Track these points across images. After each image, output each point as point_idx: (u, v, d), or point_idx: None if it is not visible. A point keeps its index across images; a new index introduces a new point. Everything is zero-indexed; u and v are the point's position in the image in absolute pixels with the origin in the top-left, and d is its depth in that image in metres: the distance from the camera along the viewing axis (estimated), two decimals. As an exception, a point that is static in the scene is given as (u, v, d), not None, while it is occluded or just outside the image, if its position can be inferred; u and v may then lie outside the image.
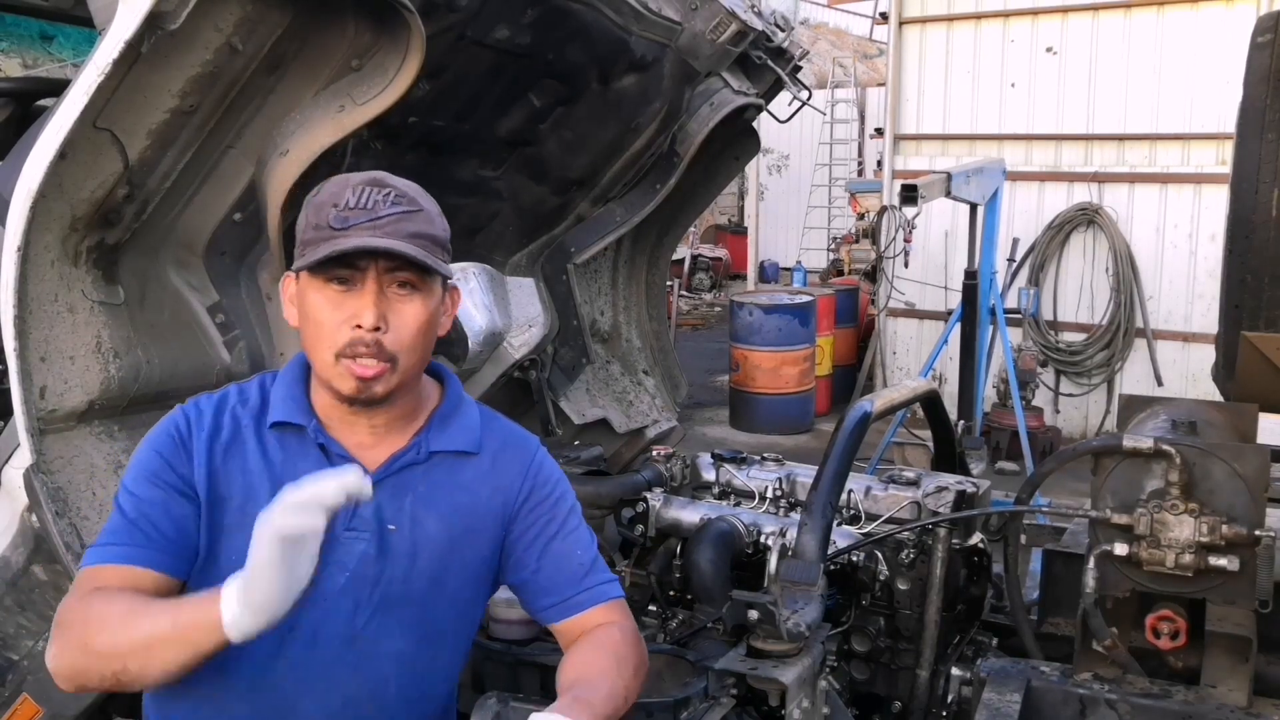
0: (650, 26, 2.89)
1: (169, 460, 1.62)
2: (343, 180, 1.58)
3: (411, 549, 1.67)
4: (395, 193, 1.56)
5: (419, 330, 1.60)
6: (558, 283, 3.59)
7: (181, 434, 1.64)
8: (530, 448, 1.83)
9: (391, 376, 1.59)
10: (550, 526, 1.78)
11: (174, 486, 1.61)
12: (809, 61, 4.17)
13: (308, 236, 1.56)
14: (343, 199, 1.54)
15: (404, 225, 1.55)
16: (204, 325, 2.30)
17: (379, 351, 1.56)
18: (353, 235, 1.52)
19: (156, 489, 1.60)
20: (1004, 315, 7.62)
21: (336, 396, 1.61)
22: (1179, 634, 2.07)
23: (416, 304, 1.59)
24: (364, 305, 1.54)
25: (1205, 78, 8.11)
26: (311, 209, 1.58)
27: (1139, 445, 2.06)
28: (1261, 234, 3.12)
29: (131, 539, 1.57)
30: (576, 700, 1.54)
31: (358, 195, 1.54)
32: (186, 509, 1.61)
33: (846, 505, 2.77)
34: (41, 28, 4.60)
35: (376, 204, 1.54)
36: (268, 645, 1.58)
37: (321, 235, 1.54)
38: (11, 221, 1.84)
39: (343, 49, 2.16)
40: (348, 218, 1.53)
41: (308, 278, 1.57)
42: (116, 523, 1.59)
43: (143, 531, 1.57)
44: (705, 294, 17.33)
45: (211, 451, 1.63)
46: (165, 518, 1.59)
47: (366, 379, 1.56)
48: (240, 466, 1.63)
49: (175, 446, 1.63)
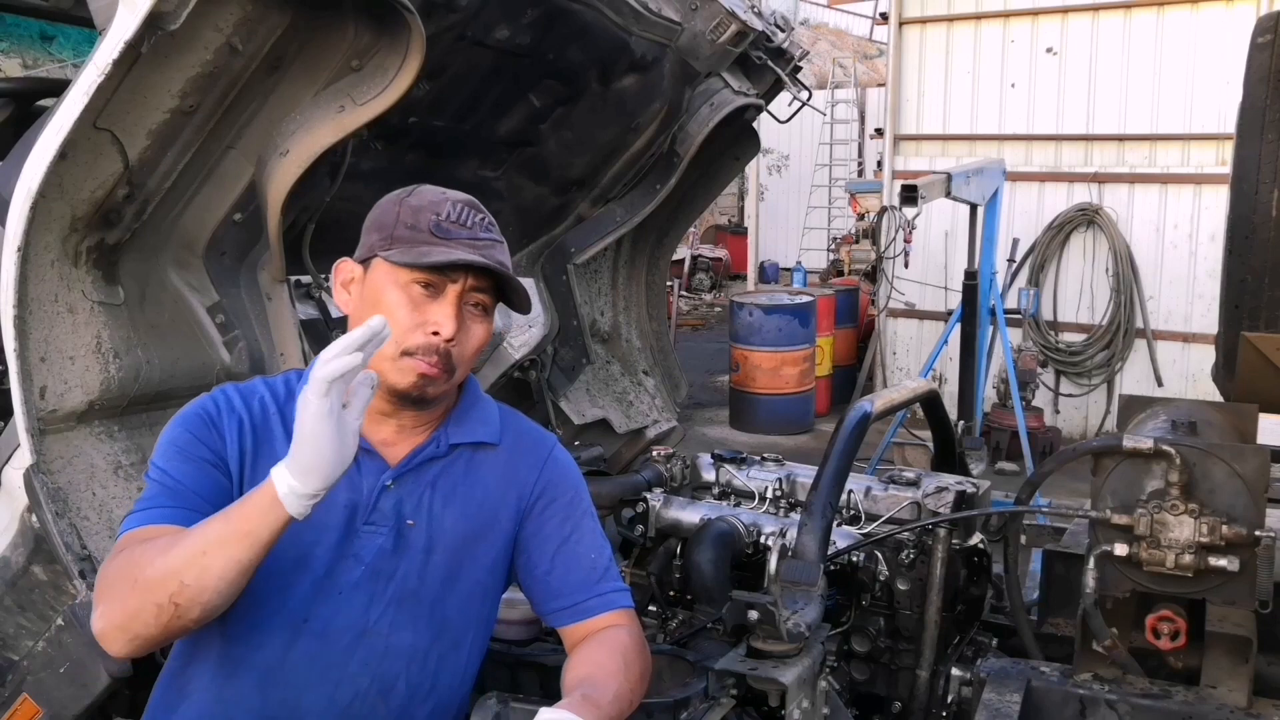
0: (650, 26, 2.89)
1: (200, 436, 1.62)
2: (440, 192, 1.65)
3: (428, 544, 1.68)
4: (489, 220, 1.67)
5: (478, 349, 1.68)
6: (558, 283, 3.59)
7: (211, 415, 1.65)
8: (547, 444, 1.85)
9: (445, 384, 1.64)
10: (564, 527, 1.78)
11: (207, 460, 1.61)
12: (809, 62, 4.17)
13: (402, 234, 1.60)
14: (443, 210, 1.61)
15: (493, 252, 1.64)
16: (204, 325, 2.30)
17: (445, 360, 1.61)
18: (456, 248, 1.59)
19: (189, 463, 1.60)
20: (1004, 315, 7.62)
21: (387, 390, 1.62)
22: (1179, 634, 2.07)
23: (484, 325, 1.68)
24: (447, 316, 1.60)
25: (1205, 78, 8.11)
26: (406, 209, 1.62)
27: (1139, 446, 2.05)
28: (1261, 234, 3.12)
29: (170, 502, 1.56)
30: (585, 699, 1.56)
31: (459, 212, 1.63)
32: (221, 480, 1.61)
33: (846, 505, 2.77)
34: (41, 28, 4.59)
35: (475, 225, 1.64)
36: (280, 638, 1.60)
37: (420, 237, 1.59)
38: (11, 221, 1.84)
39: (343, 49, 2.16)
40: (450, 230, 1.60)
41: (391, 270, 1.60)
42: (152, 491, 1.58)
43: (180, 495, 1.57)
44: (705, 294, 17.33)
45: (242, 434, 1.64)
46: (201, 486, 1.59)
47: (428, 376, 1.60)
48: (269, 453, 1.64)
49: (206, 425, 1.63)
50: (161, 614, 1.43)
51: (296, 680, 1.63)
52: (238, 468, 1.63)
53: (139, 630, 1.45)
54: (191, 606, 1.43)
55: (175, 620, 1.44)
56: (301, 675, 1.63)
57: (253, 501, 1.42)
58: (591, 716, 1.51)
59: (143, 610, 1.43)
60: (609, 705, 1.58)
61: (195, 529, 1.46)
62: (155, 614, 1.43)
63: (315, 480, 1.37)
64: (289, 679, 1.63)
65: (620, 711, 1.61)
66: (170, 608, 1.42)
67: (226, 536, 1.41)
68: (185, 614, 1.43)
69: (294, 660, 1.62)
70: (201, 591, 1.42)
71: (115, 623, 1.46)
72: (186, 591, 1.41)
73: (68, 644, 2.03)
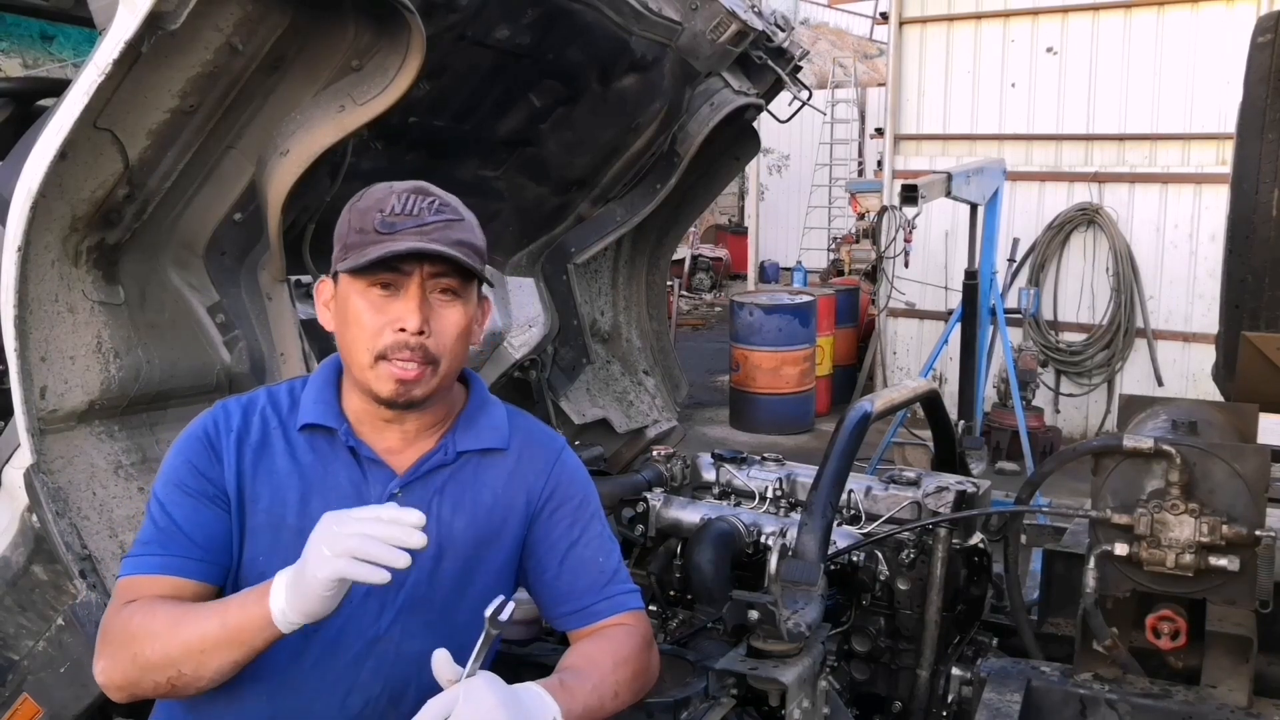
0: (650, 26, 2.89)
1: (199, 467, 1.63)
2: (386, 187, 1.60)
3: (437, 550, 1.67)
4: (440, 201, 1.60)
5: (459, 335, 1.62)
6: (558, 283, 3.59)
7: (211, 437, 1.65)
8: (555, 447, 1.83)
9: (431, 380, 1.60)
10: (573, 530, 1.77)
11: (204, 494, 1.62)
12: (809, 61, 4.17)
13: (351, 240, 1.57)
14: (388, 205, 1.56)
15: (449, 233, 1.57)
16: (204, 325, 2.29)
17: (423, 355, 1.58)
18: (401, 240, 1.54)
19: (188, 498, 1.62)
20: (1004, 315, 7.62)
21: (374, 399, 1.62)
22: (1179, 634, 2.07)
23: (458, 309, 1.61)
24: (409, 309, 1.56)
25: (1205, 78, 8.11)
26: (355, 214, 1.59)
27: (1139, 445, 2.05)
28: (1261, 234, 3.12)
29: (165, 548, 1.60)
30: (563, 684, 1.56)
31: (403, 202, 1.57)
32: (219, 516, 1.62)
33: (847, 505, 2.77)
34: (41, 28, 4.59)
35: (422, 211, 1.57)
36: (290, 646, 1.60)
37: (367, 239, 1.55)
38: (11, 221, 1.84)
39: (343, 49, 2.16)
40: (394, 223, 1.55)
41: (349, 281, 1.58)
42: (149, 532, 1.62)
43: (176, 541, 1.60)
44: (705, 294, 17.33)
45: (241, 453, 1.64)
46: (198, 528, 1.61)
47: (407, 381, 1.57)
48: (269, 468, 1.64)
49: (205, 451, 1.64)
50: (159, 689, 1.54)
51: (307, 689, 1.63)
52: (235, 488, 1.63)
53: (139, 695, 1.56)
54: (188, 688, 1.53)
55: (173, 693, 1.55)
56: (312, 684, 1.63)
57: (248, 613, 1.48)
58: (564, 700, 1.52)
59: (141, 683, 1.53)
60: (586, 694, 1.58)
61: (191, 620, 1.51)
62: (153, 688, 1.54)
63: (311, 619, 1.46)
64: (299, 687, 1.63)
65: (601, 701, 1.61)
66: (168, 686, 1.53)
67: (221, 640, 1.48)
68: (182, 692, 1.54)
69: (304, 669, 1.62)
70: (198, 680, 1.51)
71: (116, 684, 1.55)
72: (184, 678, 1.51)
73: (68, 644, 2.03)
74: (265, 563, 1.61)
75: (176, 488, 1.62)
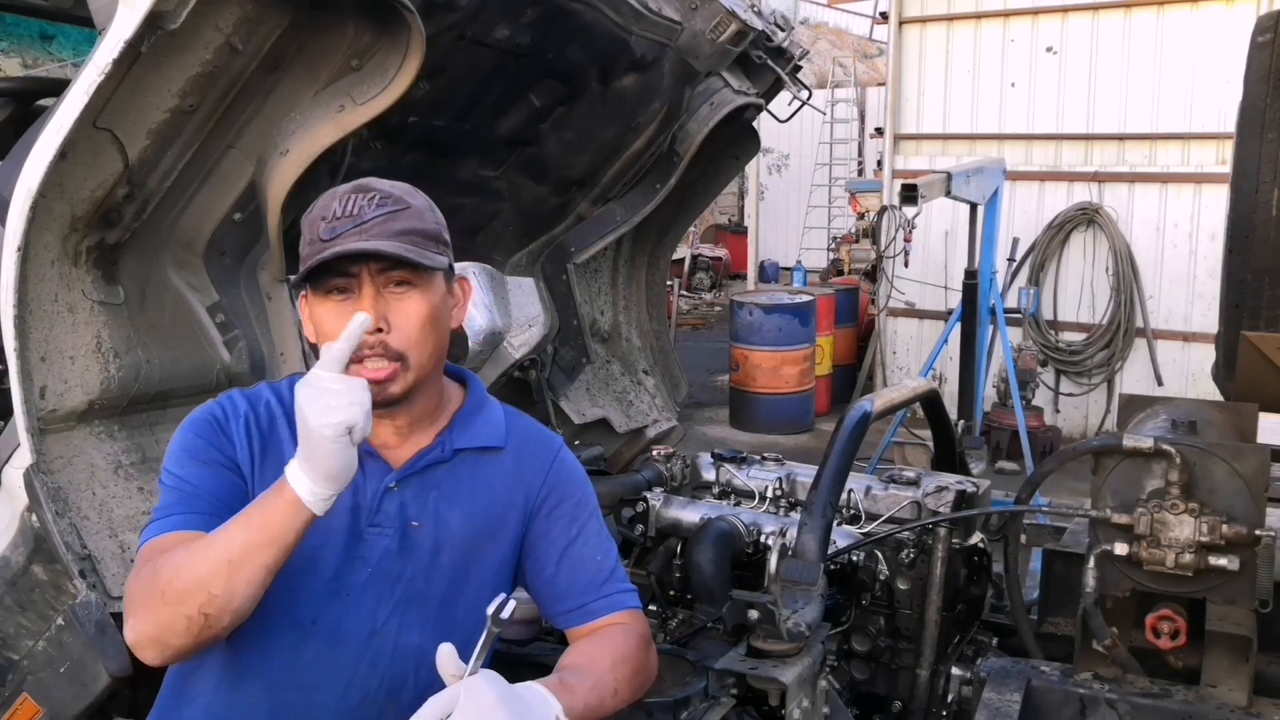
0: (650, 26, 2.89)
1: (210, 441, 1.63)
2: (331, 193, 1.60)
3: (434, 546, 1.68)
4: (380, 195, 1.58)
5: (422, 325, 1.60)
6: (558, 283, 3.59)
7: (219, 420, 1.65)
8: (553, 446, 1.84)
9: (406, 375, 1.60)
10: (570, 529, 1.78)
11: (219, 463, 1.62)
12: (809, 61, 4.17)
13: (304, 252, 1.59)
14: (330, 210, 1.57)
15: (390, 224, 1.56)
16: (204, 325, 2.30)
17: (386, 351, 1.57)
18: (338, 244, 1.54)
19: (203, 466, 1.61)
20: (1004, 315, 7.62)
21: None
22: (1179, 634, 2.07)
23: (415, 299, 1.60)
24: (361, 309, 1.55)
25: (1205, 78, 8.11)
26: (305, 224, 1.60)
27: (1139, 445, 2.05)
28: (1261, 234, 3.12)
29: (188, 507, 1.58)
30: (563, 682, 1.57)
31: (344, 204, 1.56)
32: (236, 482, 1.62)
33: (846, 505, 2.77)
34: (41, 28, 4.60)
35: (362, 209, 1.56)
36: (288, 640, 1.60)
37: (315, 250, 1.56)
38: (11, 221, 1.84)
39: (343, 49, 2.16)
40: (335, 227, 1.55)
41: (313, 294, 1.59)
42: (167, 499, 1.60)
43: (197, 501, 1.58)
44: (705, 294, 17.32)
45: (250, 437, 1.65)
46: (217, 489, 1.60)
47: (379, 381, 1.57)
48: (277, 455, 1.64)
49: (215, 429, 1.64)
50: (192, 625, 1.45)
51: (305, 682, 1.63)
52: (249, 471, 1.63)
53: (171, 641, 1.48)
54: (222, 615, 1.45)
55: (206, 630, 1.46)
56: (310, 677, 1.63)
57: (272, 506, 1.44)
58: (565, 697, 1.52)
59: (174, 623, 1.46)
60: (586, 692, 1.58)
61: (216, 536, 1.47)
62: (186, 626, 1.45)
63: (339, 484, 1.43)
64: (297, 681, 1.63)
65: (600, 700, 1.61)
66: (200, 618, 1.45)
67: (250, 544, 1.44)
68: (216, 623, 1.46)
69: (302, 662, 1.63)
70: (231, 599, 1.45)
71: (148, 635, 1.48)
72: (216, 601, 1.44)
73: (68, 644, 2.02)
74: None
75: (190, 458, 1.61)
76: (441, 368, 1.72)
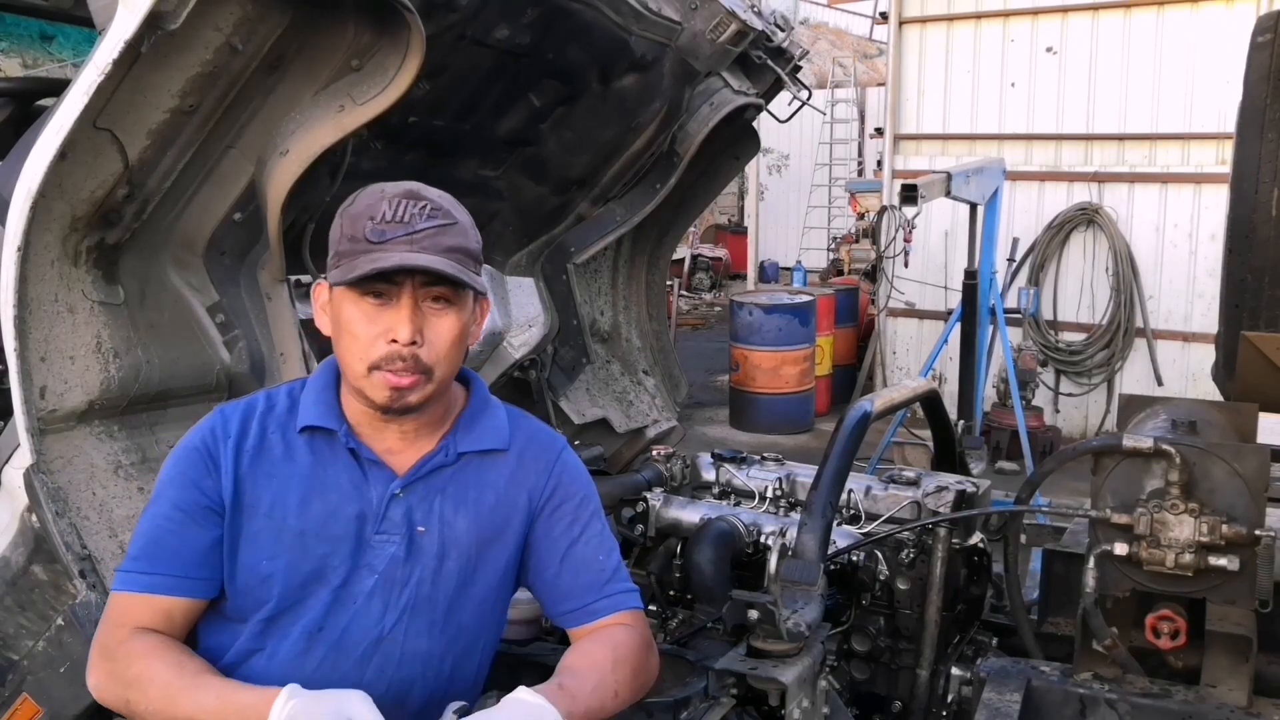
0: (650, 26, 2.89)
1: (195, 481, 1.64)
2: (378, 191, 1.59)
3: (440, 550, 1.68)
4: (431, 206, 1.57)
5: (453, 343, 1.61)
6: (558, 283, 3.59)
7: (209, 446, 1.66)
8: (556, 446, 1.83)
9: (426, 386, 1.60)
10: (573, 529, 1.78)
11: (197, 508, 1.63)
12: (809, 61, 4.17)
13: (343, 248, 1.56)
14: (379, 211, 1.55)
15: (440, 239, 1.56)
16: (204, 325, 2.30)
17: (416, 365, 1.57)
18: (390, 249, 1.52)
19: (179, 513, 1.63)
20: (1004, 315, 7.62)
21: (369, 405, 1.62)
22: (1179, 634, 2.07)
23: (451, 318, 1.60)
24: (400, 320, 1.55)
25: (1205, 78, 8.11)
26: (346, 220, 1.58)
27: (1139, 445, 2.06)
28: (1261, 234, 3.12)
29: (153, 565, 1.61)
30: (562, 687, 1.57)
31: (394, 208, 1.55)
32: (211, 531, 1.63)
33: (846, 505, 2.77)
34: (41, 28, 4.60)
35: (413, 217, 1.55)
36: (295, 647, 1.60)
37: (358, 248, 1.54)
38: (11, 221, 1.84)
39: (343, 49, 2.16)
40: (384, 231, 1.53)
41: (343, 290, 1.58)
42: (141, 545, 1.63)
43: (163, 558, 1.61)
44: (705, 294, 17.33)
45: (239, 459, 1.65)
46: (186, 544, 1.62)
47: (401, 388, 1.57)
48: (267, 472, 1.65)
49: (202, 462, 1.65)
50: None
51: (312, 688, 1.63)
52: (233, 495, 1.64)
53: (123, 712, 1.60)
54: None
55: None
56: (317, 683, 1.62)
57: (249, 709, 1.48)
58: (565, 703, 1.52)
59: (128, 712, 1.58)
60: (587, 695, 1.59)
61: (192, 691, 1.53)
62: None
63: None
64: (305, 687, 1.63)
65: (602, 702, 1.61)
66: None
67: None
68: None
69: (309, 670, 1.63)
70: None
71: (108, 704, 1.60)
72: None
73: (68, 644, 2.03)
74: (268, 567, 1.62)
75: (170, 503, 1.64)
76: (454, 379, 1.73)
